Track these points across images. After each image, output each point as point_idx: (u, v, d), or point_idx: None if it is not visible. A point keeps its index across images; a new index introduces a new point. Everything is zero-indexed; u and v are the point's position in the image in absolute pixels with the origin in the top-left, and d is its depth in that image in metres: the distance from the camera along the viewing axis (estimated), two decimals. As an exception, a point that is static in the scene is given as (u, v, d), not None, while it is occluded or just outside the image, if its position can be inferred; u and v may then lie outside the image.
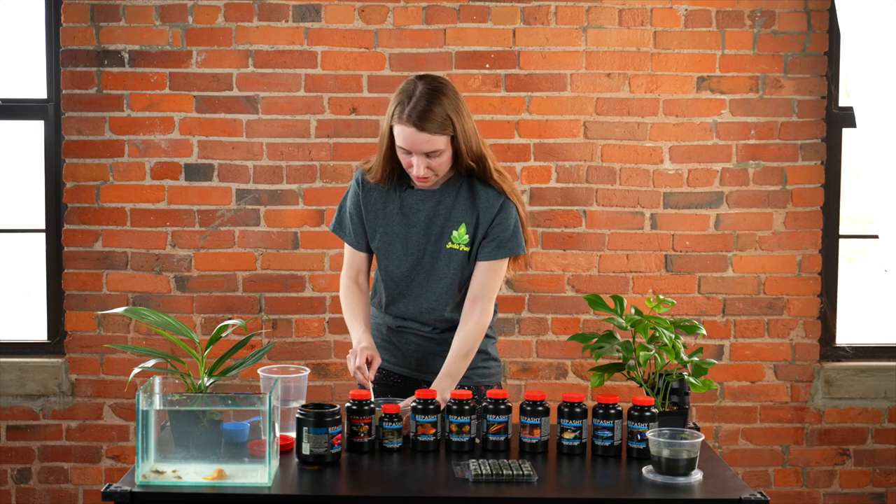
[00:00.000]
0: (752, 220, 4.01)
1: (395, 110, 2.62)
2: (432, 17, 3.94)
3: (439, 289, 2.78)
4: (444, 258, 2.76)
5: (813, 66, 3.98)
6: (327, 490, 2.26)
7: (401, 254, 2.78)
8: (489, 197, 2.74)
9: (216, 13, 3.93)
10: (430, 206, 2.76)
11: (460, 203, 2.75)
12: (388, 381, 2.89)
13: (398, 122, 2.62)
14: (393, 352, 2.88)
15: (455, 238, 2.75)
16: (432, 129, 2.59)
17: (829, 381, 4.03)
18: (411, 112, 2.59)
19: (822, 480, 4.07)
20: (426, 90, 2.62)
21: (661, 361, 2.56)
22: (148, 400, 2.25)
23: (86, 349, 4.00)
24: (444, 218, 2.76)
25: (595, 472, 2.38)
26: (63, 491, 4.04)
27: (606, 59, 3.96)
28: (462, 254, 2.75)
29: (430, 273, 2.77)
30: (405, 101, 2.61)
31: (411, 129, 2.59)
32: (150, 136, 3.96)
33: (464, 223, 2.75)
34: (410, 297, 2.81)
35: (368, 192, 2.80)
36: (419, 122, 2.58)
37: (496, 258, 2.74)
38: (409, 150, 2.63)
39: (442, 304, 2.79)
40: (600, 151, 3.99)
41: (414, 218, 2.76)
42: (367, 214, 2.81)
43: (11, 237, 4.26)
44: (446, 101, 2.62)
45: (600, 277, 4.00)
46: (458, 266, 2.76)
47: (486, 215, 2.73)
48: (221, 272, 3.99)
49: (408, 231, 2.77)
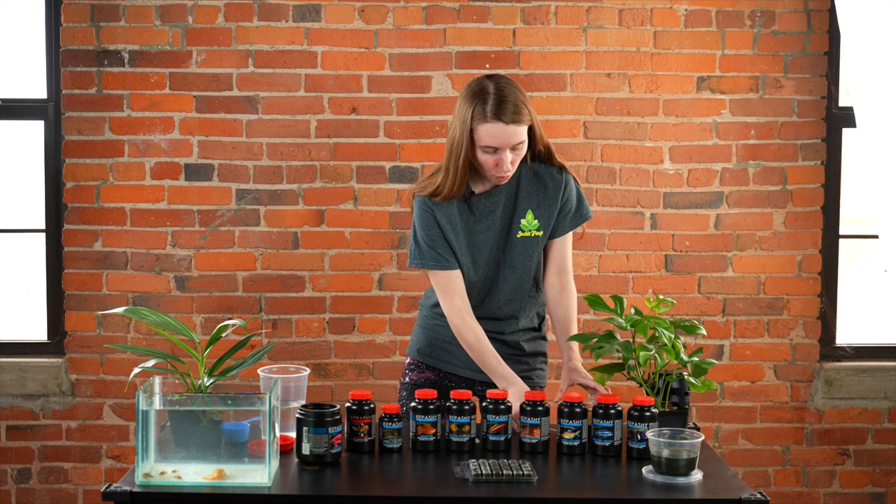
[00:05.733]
0: (752, 220, 4.01)
1: (475, 111, 2.64)
2: (432, 17, 3.94)
3: (515, 280, 2.82)
4: (518, 248, 2.80)
5: (813, 66, 3.98)
6: (327, 490, 2.26)
7: (483, 258, 2.80)
8: (552, 174, 2.82)
9: (216, 13, 3.93)
10: (499, 203, 2.80)
11: (523, 191, 2.80)
12: (443, 382, 2.88)
13: (482, 121, 2.64)
14: (455, 352, 2.86)
15: (525, 226, 2.80)
16: (519, 121, 2.65)
17: (829, 381, 4.04)
18: (496, 109, 2.63)
19: (822, 480, 4.07)
20: (499, 86, 2.67)
21: (661, 361, 2.56)
22: (148, 400, 2.25)
23: (86, 349, 4.00)
24: (510, 209, 2.79)
25: (595, 472, 2.38)
26: (63, 491, 4.04)
27: (606, 59, 3.96)
28: (535, 239, 2.81)
29: (504, 265, 2.81)
30: (484, 101, 2.64)
31: (500, 125, 2.63)
32: (150, 136, 3.96)
33: (529, 209, 2.80)
34: (485, 294, 2.83)
35: (440, 211, 2.78)
36: (508, 116, 2.63)
37: (573, 229, 2.86)
38: (498, 147, 2.65)
39: (518, 298, 2.83)
40: (600, 151, 3.99)
41: (488, 220, 2.79)
42: (447, 231, 2.79)
43: (11, 237, 4.26)
44: (519, 92, 2.69)
45: (600, 277, 4.00)
46: (532, 252, 2.82)
47: (554, 193, 2.81)
48: (221, 272, 3.99)
49: (485, 235, 2.80)
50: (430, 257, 2.77)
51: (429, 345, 2.90)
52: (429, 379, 2.90)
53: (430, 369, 2.91)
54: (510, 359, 2.85)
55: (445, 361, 2.89)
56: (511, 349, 2.88)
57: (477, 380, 2.87)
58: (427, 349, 2.91)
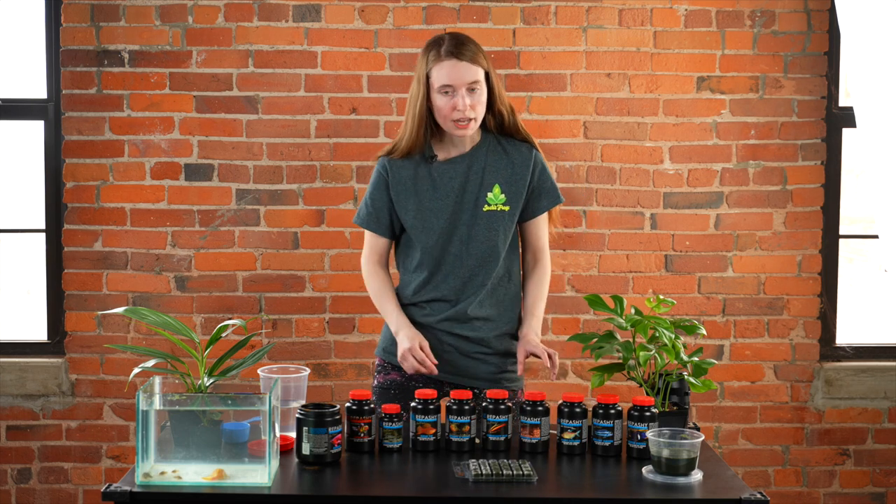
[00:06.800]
0: (752, 220, 4.01)
1: (430, 56, 2.75)
2: (432, 17, 3.94)
3: (480, 254, 2.80)
4: (483, 222, 2.80)
5: (813, 66, 3.98)
6: (327, 490, 2.26)
7: (436, 226, 2.80)
8: (520, 150, 2.84)
9: (216, 13, 3.93)
10: (461, 172, 2.81)
11: (491, 164, 2.81)
12: (409, 383, 2.85)
13: (436, 61, 2.73)
14: None
15: (491, 199, 2.81)
16: (475, 60, 2.73)
17: (829, 381, 4.04)
18: (450, 48, 2.74)
19: (822, 480, 4.07)
20: (454, 34, 2.80)
21: (661, 361, 2.56)
22: (148, 400, 2.25)
23: (86, 349, 4.00)
24: (476, 184, 2.80)
25: (595, 472, 2.38)
26: (63, 491, 4.04)
27: (606, 59, 3.96)
28: (503, 214, 2.81)
29: (469, 240, 2.80)
30: (439, 45, 2.75)
31: (454, 61, 2.72)
32: (150, 136, 3.96)
33: (497, 184, 2.81)
34: (448, 269, 2.81)
35: (396, 172, 2.83)
36: (462, 55, 2.72)
37: (547, 209, 2.88)
38: (453, 85, 2.71)
39: (482, 274, 2.80)
40: (600, 151, 3.99)
41: (447, 188, 2.80)
42: (397, 195, 2.83)
43: (11, 237, 4.26)
44: (473, 42, 2.79)
45: (600, 277, 4.00)
46: (500, 228, 2.81)
47: (523, 169, 2.83)
48: (221, 272, 3.99)
49: (441, 203, 2.80)
50: (366, 217, 2.89)
51: (394, 343, 2.85)
52: (395, 381, 2.86)
53: (396, 370, 2.87)
54: (475, 358, 2.82)
55: None
56: (477, 346, 2.84)
57: (445, 381, 2.84)
58: (392, 347, 2.86)
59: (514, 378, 2.90)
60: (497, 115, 2.83)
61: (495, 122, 2.84)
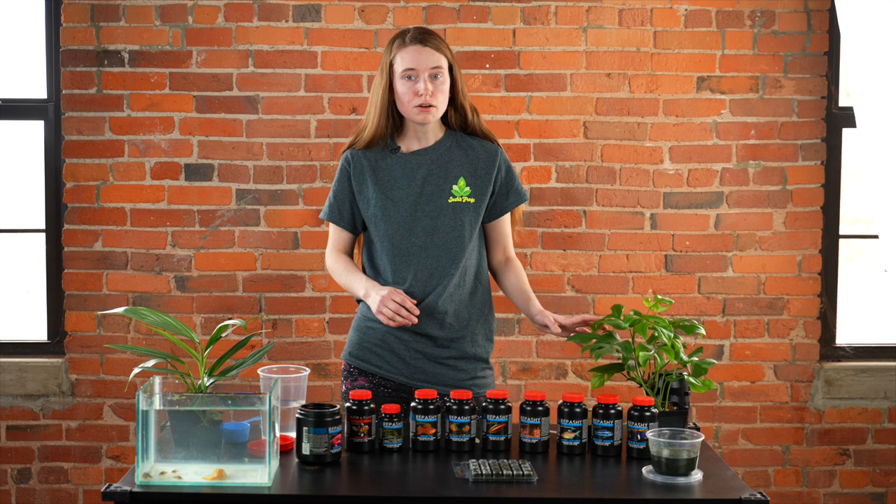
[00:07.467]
0: (752, 220, 4.01)
1: (395, 44, 2.79)
2: (432, 17, 3.94)
3: (445, 244, 2.78)
4: (449, 213, 2.79)
5: (813, 66, 3.98)
6: (327, 490, 2.26)
7: (397, 215, 2.79)
8: (485, 147, 2.87)
9: (216, 13, 3.93)
10: (424, 164, 2.81)
11: (456, 158, 2.83)
12: (377, 390, 2.82)
13: (401, 47, 2.77)
14: (387, 357, 2.82)
15: (456, 192, 2.81)
16: (437, 47, 2.77)
17: (829, 381, 4.04)
18: (414, 35, 2.77)
19: (822, 480, 4.07)
20: (419, 26, 2.85)
21: (661, 361, 2.56)
22: (148, 400, 2.25)
23: (86, 349, 4.00)
24: (440, 176, 2.81)
25: (595, 472, 2.38)
26: (63, 491, 4.04)
27: (606, 59, 3.96)
28: (468, 206, 2.81)
29: (434, 231, 2.79)
30: (404, 35, 2.80)
31: (416, 46, 2.75)
32: (150, 136, 3.96)
33: (462, 177, 2.82)
34: (414, 261, 2.78)
35: (357, 162, 2.84)
36: (426, 41, 2.76)
37: (517, 205, 2.92)
38: (416, 68, 2.73)
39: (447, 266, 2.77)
40: (600, 151, 3.99)
41: (409, 178, 2.80)
42: (359, 185, 2.83)
43: (11, 237, 4.26)
44: (439, 36, 2.82)
45: (600, 277, 4.00)
46: (466, 219, 2.80)
47: (487, 164, 2.85)
48: (221, 272, 3.99)
49: (404, 192, 2.80)
50: (328, 210, 2.90)
51: (360, 347, 2.84)
52: (363, 386, 2.82)
53: (364, 375, 2.84)
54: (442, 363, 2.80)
55: (378, 366, 2.82)
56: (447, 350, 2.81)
57: (414, 387, 2.80)
58: (358, 351, 2.84)
59: (484, 385, 2.86)
60: (460, 110, 2.84)
61: (458, 118, 2.86)
